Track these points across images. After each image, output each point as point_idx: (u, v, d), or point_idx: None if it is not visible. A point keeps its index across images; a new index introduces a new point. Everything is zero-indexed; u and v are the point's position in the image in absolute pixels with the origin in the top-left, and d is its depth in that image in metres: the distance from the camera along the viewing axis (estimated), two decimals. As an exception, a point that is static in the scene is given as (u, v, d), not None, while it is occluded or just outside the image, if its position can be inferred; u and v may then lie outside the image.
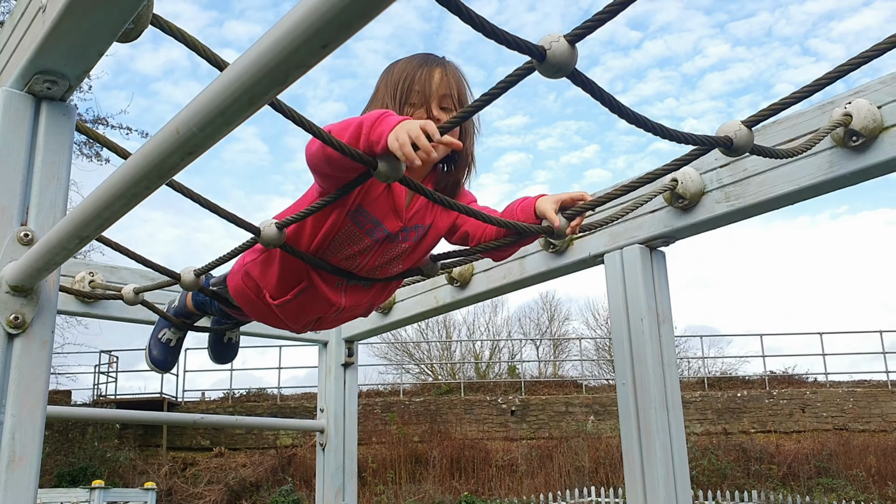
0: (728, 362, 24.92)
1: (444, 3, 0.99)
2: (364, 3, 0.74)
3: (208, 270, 2.37)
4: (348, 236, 1.99)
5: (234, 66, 0.88)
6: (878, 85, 2.13)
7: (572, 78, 1.20)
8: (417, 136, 1.49)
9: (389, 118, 1.57)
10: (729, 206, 2.42)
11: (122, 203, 1.19)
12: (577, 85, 1.25)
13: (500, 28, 1.06)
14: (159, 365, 2.78)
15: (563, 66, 1.11)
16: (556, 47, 1.08)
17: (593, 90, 1.24)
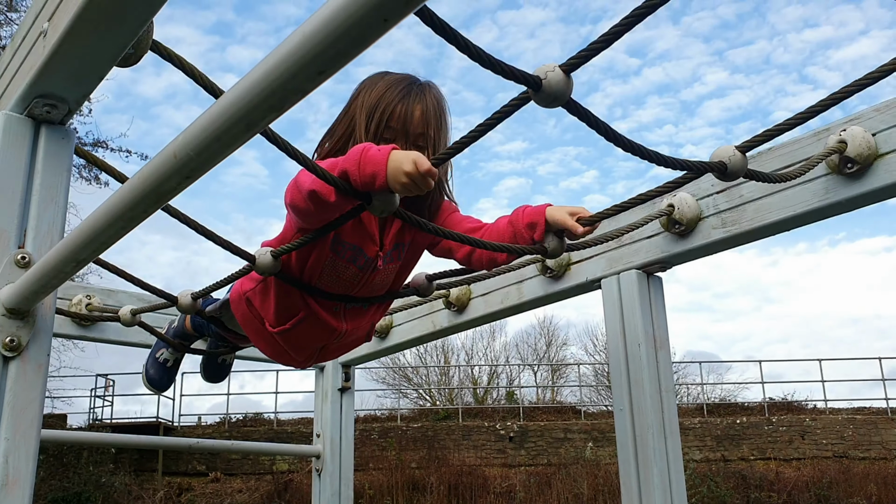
0: (727, 388, 24.83)
1: (442, 34, 1.00)
2: (360, 31, 0.75)
3: (205, 294, 2.37)
4: (333, 267, 2.00)
5: (231, 91, 0.89)
6: (873, 113, 2.15)
7: (568, 107, 1.21)
8: (418, 168, 1.51)
9: (373, 152, 1.57)
10: (725, 232, 2.43)
11: (119, 226, 1.20)
12: (572, 114, 1.26)
13: (497, 59, 1.07)
14: (156, 384, 2.77)
15: (558, 96, 1.12)
16: (551, 77, 1.10)
17: (589, 119, 1.25)
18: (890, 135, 2.10)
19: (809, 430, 20.82)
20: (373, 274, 2.04)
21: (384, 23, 0.73)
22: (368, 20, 0.73)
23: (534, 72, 1.10)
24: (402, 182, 1.51)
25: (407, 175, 1.50)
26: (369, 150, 1.57)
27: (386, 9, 0.71)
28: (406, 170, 1.50)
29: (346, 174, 1.55)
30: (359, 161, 1.55)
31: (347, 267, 2.01)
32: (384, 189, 1.54)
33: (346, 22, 0.74)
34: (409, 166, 1.50)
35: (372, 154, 1.55)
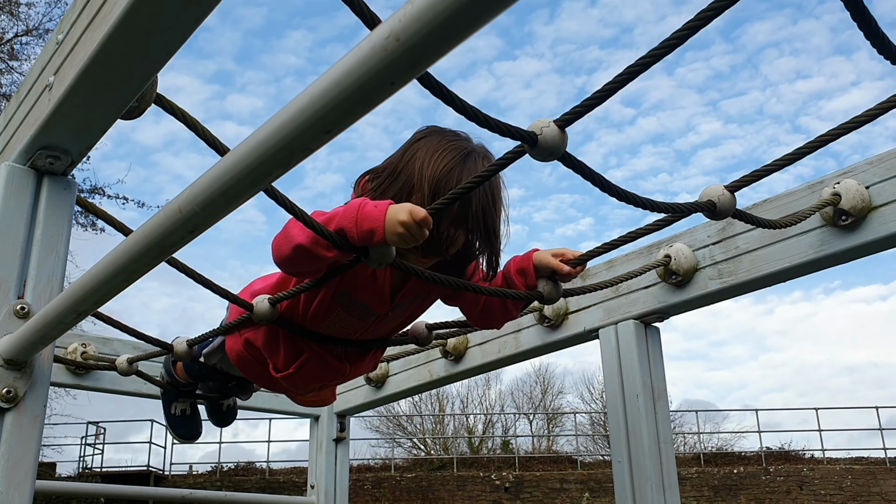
0: (724, 437, 24.64)
1: (437, 95, 1.02)
2: (367, 93, 0.76)
3: (201, 341, 2.36)
4: (340, 319, 1.99)
5: (238, 148, 0.91)
6: (866, 166, 2.18)
7: (563, 160, 1.23)
8: (413, 217, 1.51)
9: (369, 208, 1.57)
10: (722, 283, 2.45)
11: (121, 279, 1.20)
12: (567, 167, 1.29)
13: (493, 118, 1.09)
14: (189, 437, 2.78)
15: (554, 151, 1.14)
16: (546, 132, 1.12)
17: (584, 171, 1.27)
18: (883, 188, 2.13)
19: (807, 480, 20.61)
20: (378, 322, 2.03)
21: (391, 86, 0.75)
22: (376, 83, 0.75)
23: (529, 127, 1.12)
24: (399, 232, 1.52)
25: (402, 224, 1.51)
26: (366, 205, 1.58)
27: (393, 73, 0.73)
28: (401, 219, 1.51)
29: (343, 231, 1.56)
30: (356, 218, 1.56)
31: (353, 321, 2.00)
32: (381, 243, 1.55)
33: (355, 84, 0.75)
34: (404, 215, 1.51)
35: (369, 210, 1.56)
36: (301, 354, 2.07)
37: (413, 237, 1.53)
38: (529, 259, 1.91)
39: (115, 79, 1.46)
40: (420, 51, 0.71)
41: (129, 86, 1.48)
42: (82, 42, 1.47)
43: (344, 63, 0.76)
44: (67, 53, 1.54)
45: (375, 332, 2.09)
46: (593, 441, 24.96)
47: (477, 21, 0.68)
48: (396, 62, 0.72)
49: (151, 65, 1.42)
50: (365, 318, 2.00)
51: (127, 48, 1.38)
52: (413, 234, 1.52)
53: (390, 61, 0.72)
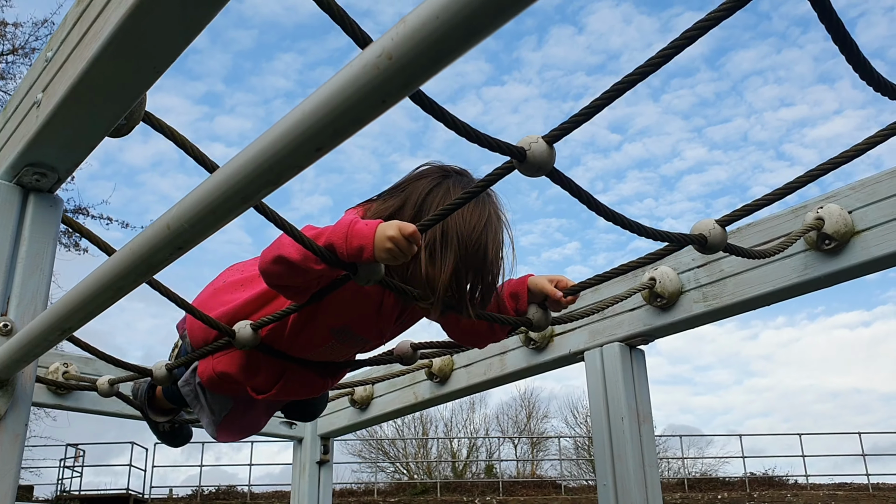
0: (708, 463, 24.61)
1: (429, 111, 1.03)
2: (359, 112, 0.77)
3: (180, 365, 2.34)
4: (331, 349, 1.99)
5: (228, 165, 0.91)
6: (849, 191, 2.20)
7: (551, 176, 1.24)
8: (402, 232, 1.52)
9: (360, 226, 1.58)
10: (706, 307, 2.46)
11: (107, 296, 1.20)
12: (556, 183, 1.29)
13: (483, 133, 1.10)
14: (182, 444, 2.78)
15: (542, 166, 1.15)
16: (535, 148, 1.13)
17: (572, 188, 1.28)
18: (865, 213, 2.15)
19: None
20: (367, 346, 2.06)
21: (383, 104, 0.75)
22: (368, 101, 0.75)
23: (517, 143, 1.13)
24: (387, 248, 1.52)
25: (391, 240, 1.51)
26: (357, 223, 1.59)
27: (385, 91, 0.74)
28: (389, 234, 1.51)
29: (333, 247, 1.56)
30: (346, 235, 1.56)
31: (344, 349, 2.01)
32: (370, 260, 1.55)
33: (347, 102, 0.76)
34: (392, 231, 1.51)
35: (359, 228, 1.56)
36: (282, 375, 2.06)
37: (402, 253, 1.53)
38: (524, 284, 1.91)
39: (104, 97, 1.46)
40: (412, 70, 0.71)
41: (118, 104, 1.48)
42: (71, 60, 1.47)
43: (336, 81, 0.76)
44: (56, 71, 1.54)
45: (361, 353, 2.10)
46: (577, 466, 24.87)
47: (469, 40, 0.69)
48: (389, 81, 0.72)
49: (140, 83, 1.42)
50: (357, 346, 2.01)
51: (116, 67, 1.38)
52: (402, 249, 1.52)
53: (383, 80, 0.72)
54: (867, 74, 1.20)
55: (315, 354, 2.00)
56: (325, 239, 1.58)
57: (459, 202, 1.42)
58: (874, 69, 1.22)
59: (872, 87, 1.26)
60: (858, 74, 1.20)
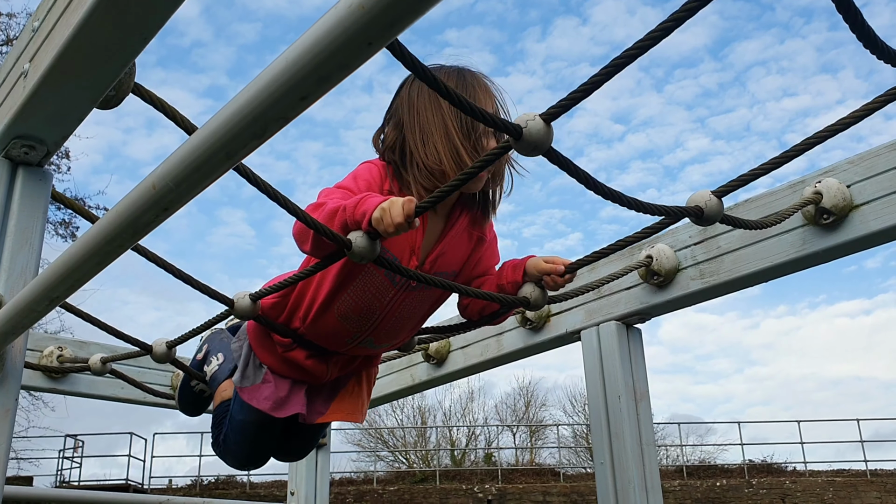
0: (707, 450, 24.65)
1: (431, 85, 1.01)
2: (344, 56, 0.75)
3: (181, 342, 2.33)
4: (369, 279, 1.93)
5: (212, 120, 0.89)
6: (847, 165, 2.18)
7: (548, 156, 1.22)
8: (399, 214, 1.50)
9: (371, 199, 1.58)
10: (703, 283, 2.44)
11: (94, 262, 1.18)
12: (552, 162, 1.28)
13: (479, 106, 1.08)
14: (187, 412, 2.76)
15: (538, 145, 1.13)
16: (532, 126, 1.10)
17: (569, 167, 1.26)
18: (864, 186, 2.13)
19: (790, 492, 20.65)
20: (405, 295, 1.98)
21: (368, 47, 0.73)
22: (353, 44, 0.73)
23: (514, 120, 1.11)
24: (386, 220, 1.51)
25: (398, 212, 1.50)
26: (369, 196, 1.60)
27: (370, 32, 0.71)
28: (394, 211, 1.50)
29: (343, 212, 1.59)
30: (355, 205, 1.57)
31: (384, 284, 1.94)
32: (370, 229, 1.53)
33: (331, 47, 0.74)
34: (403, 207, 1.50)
35: (367, 198, 1.57)
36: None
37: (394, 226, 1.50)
38: (523, 262, 1.95)
39: (92, 65, 1.44)
40: (398, 8, 0.69)
41: (106, 73, 1.46)
42: (58, 28, 1.44)
43: (319, 25, 0.74)
44: (43, 40, 1.52)
45: (403, 310, 2.02)
46: (576, 454, 24.92)
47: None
48: (373, 21, 0.70)
49: (127, 51, 1.40)
50: (392, 280, 1.94)
51: (103, 34, 1.36)
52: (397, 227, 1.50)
53: (367, 20, 0.70)
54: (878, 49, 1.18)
55: (354, 287, 1.96)
56: (340, 211, 1.60)
57: (459, 181, 1.38)
58: (884, 43, 1.20)
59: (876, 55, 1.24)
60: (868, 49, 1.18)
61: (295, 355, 2.11)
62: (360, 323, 2.00)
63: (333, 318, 1.99)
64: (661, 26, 1.09)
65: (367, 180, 1.86)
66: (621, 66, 1.15)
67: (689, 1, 1.05)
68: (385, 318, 2.01)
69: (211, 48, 35.36)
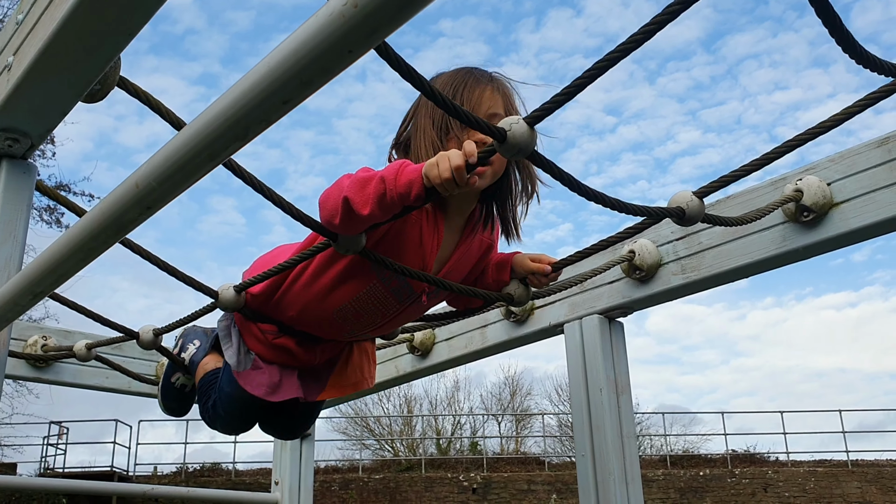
0: (690, 440, 24.85)
1: (418, 87, 1.02)
2: (325, 62, 0.76)
3: (168, 331, 2.34)
4: (374, 296, 1.90)
5: (195, 121, 0.90)
6: (828, 163, 2.21)
7: (532, 159, 1.24)
8: (458, 165, 1.46)
9: (410, 166, 1.56)
10: (685, 279, 2.47)
11: (78, 258, 1.18)
12: (536, 165, 1.30)
13: (463, 108, 1.10)
14: (173, 412, 2.67)
15: (523, 148, 1.14)
16: (516, 129, 1.12)
17: (553, 170, 1.28)
18: (844, 184, 2.16)
19: (772, 482, 20.86)
20: (411, 307, 1.96)
21: (349, 54, 0.75)
22: (334, 51, 0.74)
23: (499, 124, 1.13)
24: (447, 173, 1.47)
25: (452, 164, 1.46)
26: (406, 164, 1.57)
27: (351, 40, 0.73)
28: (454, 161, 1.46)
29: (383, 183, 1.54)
30: (396, 173, 1.54)
31: (388, 299, 1.91)
32: (421, 196, 1.52)
33: (312, 53, 0.75)
34: (455, 159, 1.46)
35: (406, 165, 1.56)
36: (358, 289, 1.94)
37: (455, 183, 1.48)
38: (510, 258, 1.98)
39: (76, 59, 1.44)
40: (379, 18, 0.70)
41: (91, 67, 1.46)
42: (42, 22, 1.44)
43: (301, 31, 0.75)
44: (27, 34, 1.51)
45: (405, 317, 2.01)
46: (560, 442, 25.06)
47: (435, -11, 0.68)
48: (354, 29, 0.71)
49: (113, 46, 1.40)
50: (400, 299, 1.91)
51: (87, 29, 1.36)
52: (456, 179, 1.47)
53: (348, 28, 0.71)
54: (858, 55, 1.20)
55: (354, 301, 1.91)
56: (377, 180, 1.55)
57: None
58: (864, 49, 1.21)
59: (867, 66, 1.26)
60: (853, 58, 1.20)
61: (283, 342, 2.08)
62: (356, 325, 1.98)
63: (329, 313, 1.95)
64: (644, 29, 1.10)
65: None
66: (604, 69, 1.16)
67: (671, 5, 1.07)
68: (386, 324, 2.00)
69: (204, 35, 35.13)
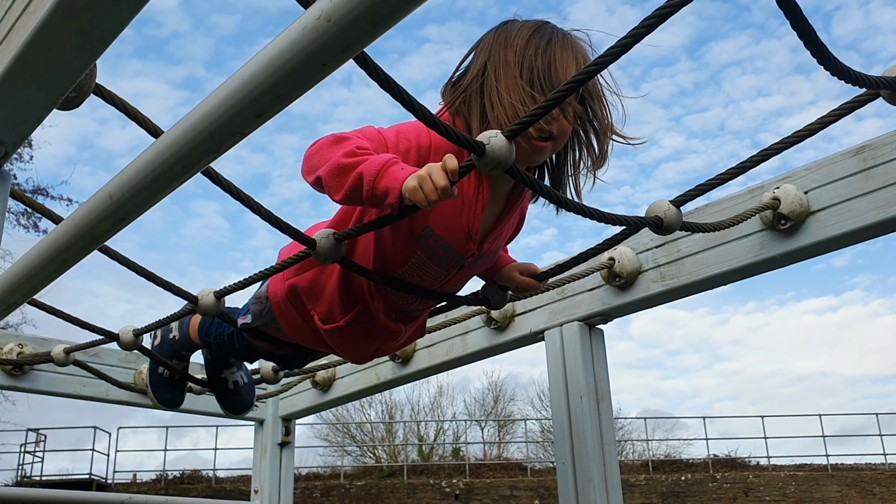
0: (672, 445, 24.94)
1: (396, 97, 1.02)
2: (299, 76, 0.76)
3: (148, 331, 2.33)
4: (419, 266, 1.80)
5: (169, 133, 0.89)
6: (804, 171, 2.23)
7: (511, 173, 1.24)
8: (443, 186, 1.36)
9: (394, 170, 1.46)
10: (664, 286, 2.48)
11: (51, 269, 1.17)
12: (515, 179, 1.31)
13: (441, 121, 1.10)
14: (166, 404, 2.57)
15: (501, 161, 1.15)
16: (494, 142, 1.12)
17: (532, 184, 1.29)
18: (821, 193, 2.18)
19: (753, 486, 20.98)
20: (459, 274, 1.86)
21: (322, 68, 0.74)
22: (307, 65, 0.74)
23: (477, 137, 1.13)
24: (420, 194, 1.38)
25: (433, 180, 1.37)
26: (393, 164, 1.48)
27: (324, 54, 0.72)
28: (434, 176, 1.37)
29: (361, 179, 1.47)
30: (377, 172, 1.46)
31: (434, 268, 1.81)
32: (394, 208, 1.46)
33: (286, 66, 0.75)
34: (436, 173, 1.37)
35: (391, 166, 1.47)
36: (354, 307, 1.86)
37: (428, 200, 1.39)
38: (499, 266, 1.98)
39: (51, 68, 1.42)
40: (352, 32, 0.70)
41: (66, 75, 1.44)
42: (16, 30, 1.43)
43: (275, 45, 0.75)
44: (0, 41, 1.50)
45: (452, 287, 1.92)
46: (543, 448, 25.07)
47: (409, 3, 0.68)
48: (328, 44, 0.71)
49: (88, 54, 1.39)
50: (447, 266, 1.81)
51: (61, 37, 1.34)
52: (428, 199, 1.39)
53: (321, 42, 0.71)
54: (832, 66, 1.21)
55: (402, 274, 1.80)
56: (354, 175, 1.48)
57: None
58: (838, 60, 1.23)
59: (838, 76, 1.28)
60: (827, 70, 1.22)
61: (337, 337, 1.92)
62: (406, 298, 1.89)
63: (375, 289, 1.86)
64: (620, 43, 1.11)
65: (408, 144, 1.69)
66: (581, 83, 1.17)
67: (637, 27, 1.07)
68: (435, 294, 1.91)
69: (189, 39, 34.93)
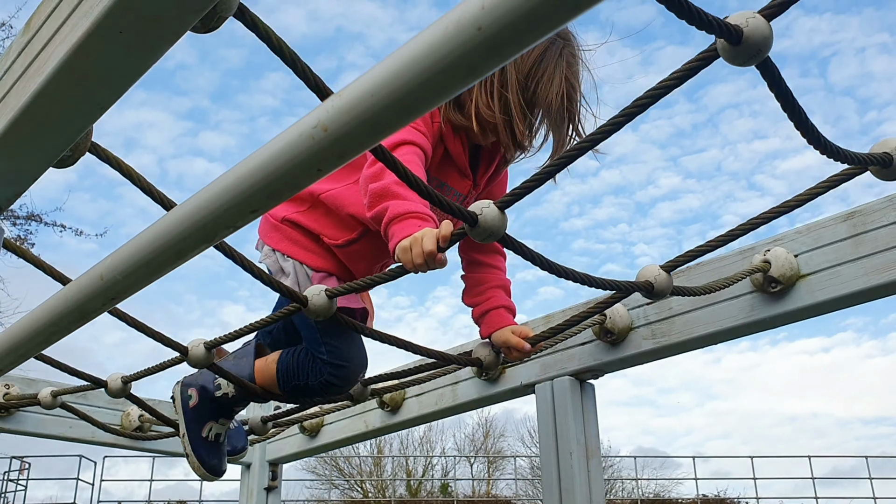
0: (662, 484, 24.77)
1: (381, 159, 1.03)
2: (294, 177, 0.76)
3: (137, 378, 2.31)
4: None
5: (161, 221, 0.90)
6: (795, 234, 2.24)
7: (503, 242, 1.26)
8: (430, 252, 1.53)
9: (409, 222, 1.63)
10: (655, 343, 2.48)
11: (39, 340, 1.17)
12: (507, 248, 1.33)
13: (435, 192, 1.11)
14: (214, 472, 2.27)
15: (494, 231, 1.16)
16: (487, 213, 1.13)
17: (524, 252, 1.30)
18: (811, 257, 2.19)
19: (742, 528, 20.82)
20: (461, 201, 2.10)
21: (318, 172, 0.75)
22: (302, 169, 0.75)
23: (469, 208, 1.14)
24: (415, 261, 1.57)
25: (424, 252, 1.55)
26: (408, 218, 1.66)
27: (320, 161, 0.73)
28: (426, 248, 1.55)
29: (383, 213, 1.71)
30: (391, 219, 1.68)
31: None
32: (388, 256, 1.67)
33: (282, 168, 0.76)
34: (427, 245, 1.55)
35: (406, 220, 1.66)
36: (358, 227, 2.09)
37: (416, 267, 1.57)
38: (497, 328, 2.11)
39: (47, 131, 1.42)
40: (348, 141, 0.71)
41: (62, 138, 1.44)
42: (13, 92, 1.43)
43: (272, 147, 0.76)
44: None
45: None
46: (532, 485, 24.86)
47: (403, 116, 0.69)
48: (323, 151, 0.72)
49: (84, 119, 1.39)
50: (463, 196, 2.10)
51: (59, 102, 1.35)
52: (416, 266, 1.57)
53: (317, 150, 0.72)
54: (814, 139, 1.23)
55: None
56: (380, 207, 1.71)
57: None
58: (820, 133, 1.25)
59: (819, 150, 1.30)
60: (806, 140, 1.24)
61: (354, 247, 2.13)
62: None
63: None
64: (613, 121, 1.12)
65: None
66: (573, 158, 1.19)
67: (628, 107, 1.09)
68: None
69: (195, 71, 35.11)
